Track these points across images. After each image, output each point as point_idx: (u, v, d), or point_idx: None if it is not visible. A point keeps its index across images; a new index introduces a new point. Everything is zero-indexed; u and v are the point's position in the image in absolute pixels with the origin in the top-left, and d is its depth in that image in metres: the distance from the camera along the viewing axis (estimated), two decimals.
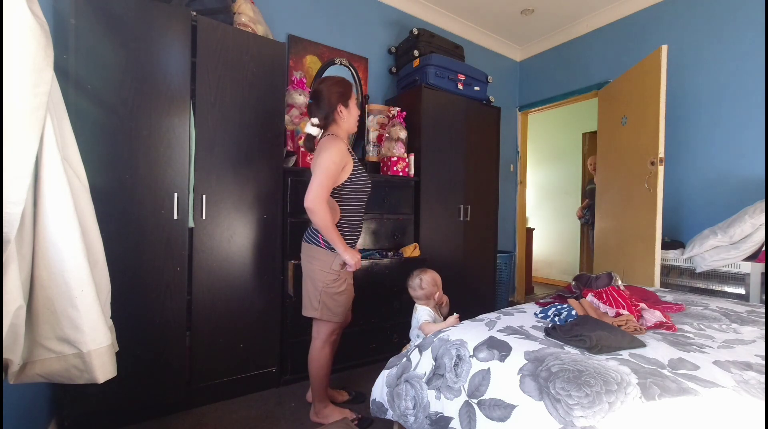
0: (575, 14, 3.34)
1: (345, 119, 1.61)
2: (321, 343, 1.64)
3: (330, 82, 1.60)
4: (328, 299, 1.56)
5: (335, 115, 1.59)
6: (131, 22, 1.58)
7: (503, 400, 0.98)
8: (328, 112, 1.58)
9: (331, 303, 1.57)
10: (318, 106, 1.59)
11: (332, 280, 1.55)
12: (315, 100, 1.60)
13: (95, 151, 1.50)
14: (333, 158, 1.47)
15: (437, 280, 1.75)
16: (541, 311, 1.48)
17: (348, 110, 1.61)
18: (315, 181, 1.45)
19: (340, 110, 1.59)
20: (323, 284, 1.55)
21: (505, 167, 3.88)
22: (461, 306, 2.00)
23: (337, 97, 1.57)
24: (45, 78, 0.85)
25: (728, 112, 2.54)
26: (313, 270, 1.56)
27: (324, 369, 1.65)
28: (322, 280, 1.55)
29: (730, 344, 1.17)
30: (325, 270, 1.54)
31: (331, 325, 1.62)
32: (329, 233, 1.47)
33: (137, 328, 1.60)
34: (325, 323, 1.62)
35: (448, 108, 2.76)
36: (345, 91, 1.60)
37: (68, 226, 0.95)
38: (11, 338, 0.86)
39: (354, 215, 1.62)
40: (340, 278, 1.57)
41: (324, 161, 1.47)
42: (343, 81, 1.63)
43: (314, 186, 1.44)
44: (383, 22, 3.03)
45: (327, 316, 1.58)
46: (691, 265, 2.40)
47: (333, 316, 1.59)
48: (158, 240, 1.65)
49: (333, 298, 1.57)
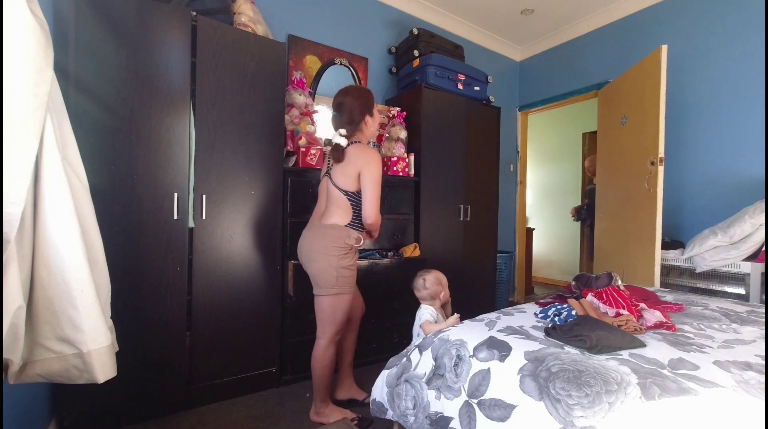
0: (575, 14, 3.34)
1: (370, 127, 1.71)
2: (326, 342, 1.64)
3: (355, 94, 1.67)
4: (344, 272, 1.59)
5: (362, 125, 1.68)
6: (131, 22, 1.58)
7: (503, 400, 0.98)
8: (355, 123, 1.67)
9: (346, 277, 1.61)
10: (346, 118, 1.66)
11: (344, 254, 1.60)
12: (341, 112, 1.67)
13: (95, 151, 1.50)
14: (379, 171, 1.60)
15: (442, 279, 1.75)
16: (541, 311, 1.48)
17: (373, 119, 1.71)
18: (372, 197, 1.58)
19: (367, 120, 1.68)
20: (335, 259, 1.58)
21: (505, 167, 3.88)
22: (461, 306, 2.00)
23: (363, 108, 1.66)
24: (45, 78, 0.85)
25: (728, 112, 2.54)
26: (326, 246, 1.58)
27: (328, 369, 1.66)
28: (336, 254, 1.58)
29: (730, 344, 1.17)
30: (339, 244, 1.58)
31: (335, 325, 1.63)
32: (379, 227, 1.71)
33: (137, 328, 1.60)
34: (330, 323, 1.63)
35: (448, 108, 2.76)
36: (369, 102, 1.69)
37: (68, 226, 0.95)
38: (11, 338, 0.86)
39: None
40: (351, 251, 1.63)
41: (374, 175, 1.58)
42: (366, 92, 1.72)
43: (373, 202, 1.59)
44: (383, 22, 3.03)
45: (345, 289, 1.61)
46: (691, 265, 2.40)
47: (348, 290, 1.62)
48: (158, 240, 1.65)
49: (347, 270, 1.61)
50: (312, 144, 2.17)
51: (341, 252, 1.58)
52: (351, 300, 1.66)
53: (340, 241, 1.58)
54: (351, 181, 1.60)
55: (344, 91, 1.70)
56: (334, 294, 1.59)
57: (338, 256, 1.58)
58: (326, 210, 1.66)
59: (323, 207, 1.68)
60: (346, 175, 1.60)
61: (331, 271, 1.57)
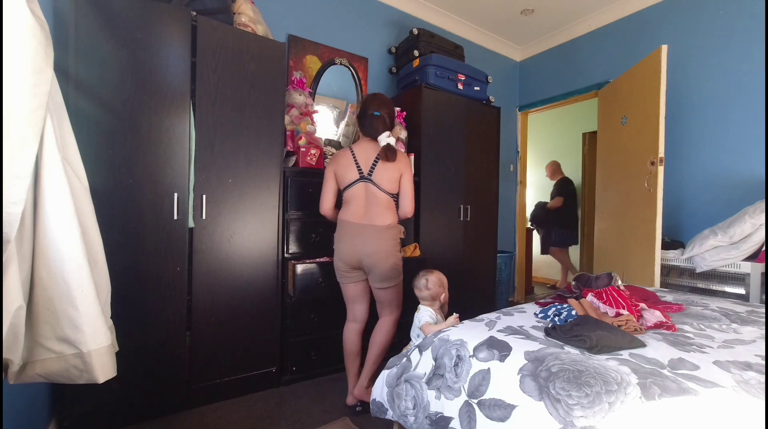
0: (575, 14, 3.34)
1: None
2: (397, 316, 1.85)
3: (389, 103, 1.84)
4: (401, 262, 1.83)
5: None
6: (131, 22, 1.58)
7: (503, 400, 0.98)
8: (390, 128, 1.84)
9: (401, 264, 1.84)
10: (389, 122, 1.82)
11: (400, 248, 1.85)
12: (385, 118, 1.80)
13: (95, 151, 1.50)
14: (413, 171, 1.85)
15: (443, 281, 1.75)
16: (541, 311, 1.48)
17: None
18: (413, 195, 1.82)
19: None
20: (397, 252, 1.80)
21: (505, 167, 3.88)
22: (461, 306, 2.00)
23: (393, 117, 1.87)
24: (45, 78, 0.85)
25: (728, 112, 2.54)
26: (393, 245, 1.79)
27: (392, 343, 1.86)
28: (395, 249, 1.79)
29: (730, 344, 1.17)
30: (397, 240, 1.82)
31: (401, 307, 1.86)
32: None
33: (137, 328, 1.60)
34: (398, 306, 1.84)
35: (448, 108, 2.76)
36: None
37: (68, 226, 0.95)
38: (11, 338, 0.86)
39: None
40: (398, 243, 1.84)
41: (412, 175, 1.83)
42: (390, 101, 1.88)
43: (413, 199, 1.82)
44: (383, 22, 3.03)
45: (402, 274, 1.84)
46: (691, 265, 2.40)
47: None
48: (158, 240, 1.65)
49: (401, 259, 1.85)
50: (312, 144, 2.17)
51: (399, 246, 1.83)
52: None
53: (397, 237, 1.81)
54: (395, 185, 1.78)
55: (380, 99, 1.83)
56: (401, 280, 1.83)
57: (399, 250, 1.83)
58: (372, 212, 1.75)
59: (362, 209, 1.76)
60: (391, 179, 1.76)
61: (399, 264, 1.81)
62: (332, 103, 2.68)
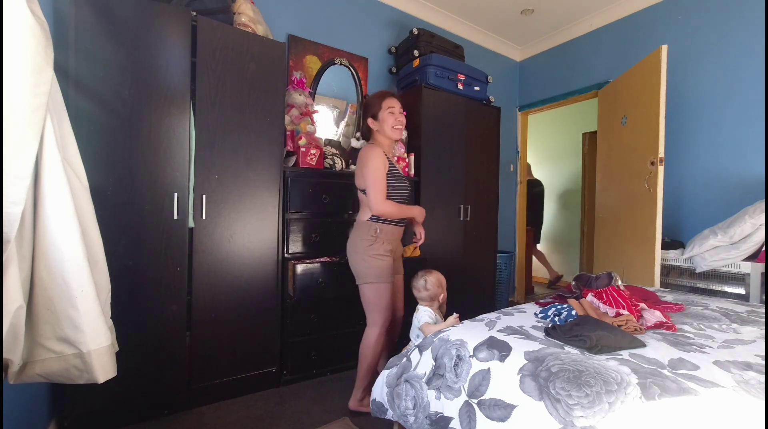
0: (575, 14, 3.34)
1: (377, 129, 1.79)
2: (378, 329, 1.73)
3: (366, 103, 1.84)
4: (373, 261, 1.70)
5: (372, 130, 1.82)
6: (131, 22, 1.58)
7: (503, 400, 0.98)
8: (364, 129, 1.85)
9: (375, 265, 1.70)
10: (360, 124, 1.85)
11: (368, 246, 1.72)
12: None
13: (95, 151, 1.50)
14: (375, 166, 1.68)
15: (442, 281, 1.75)
16: (541, 311, 1.48)
17: (378, 121, 1.78)
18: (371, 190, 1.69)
19: (370, 123, 1.81)
20: (363, 250, 1.72)
21: (505, 167, 3.88)
22: (461, 306, 2.00)
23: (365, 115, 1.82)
24: (45, 78, 0.85)
25: (728, 112, 2.54)
26: (354, 242, 1.76)
27: (377, 357, 1.76)
28: (361, 246, 1.72)
29: (730, 344, 1.17)
30: (364, 237, 1.73)
31: (382, 313, 1.72)
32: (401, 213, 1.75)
33: (137, 328, 1.60)
34: (376, 311, 1.72)
35: (448, 108, 2.76)
36: (367, 108, 1.82)
37: (68, 226, 0.95)
38: (11, 338, 0.86)
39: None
40: (377, 242, 1.72)
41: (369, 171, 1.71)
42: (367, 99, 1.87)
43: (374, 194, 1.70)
44: (383, 22, 3.03)
45: (380, 278, 1.70)
46: (691, 265, 2.40)
47: (383, 278, 1.71)
48: (158, 240, 1.65)
49: (375, 259, 1.71)
50: (311, 144, 2.17)
51: (366, 244, 1.72)
52: (390, 289, 1.74)
53: (366, 236, 1.73)
54: (361, 180, 1.75)
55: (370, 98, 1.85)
56: (370, 283, 1.71)
57: (365, 247, 1.72)
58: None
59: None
60: (357, 176, 1.77)
61: (363, 264, 1.71)
62: (332, 103, 2.68)
